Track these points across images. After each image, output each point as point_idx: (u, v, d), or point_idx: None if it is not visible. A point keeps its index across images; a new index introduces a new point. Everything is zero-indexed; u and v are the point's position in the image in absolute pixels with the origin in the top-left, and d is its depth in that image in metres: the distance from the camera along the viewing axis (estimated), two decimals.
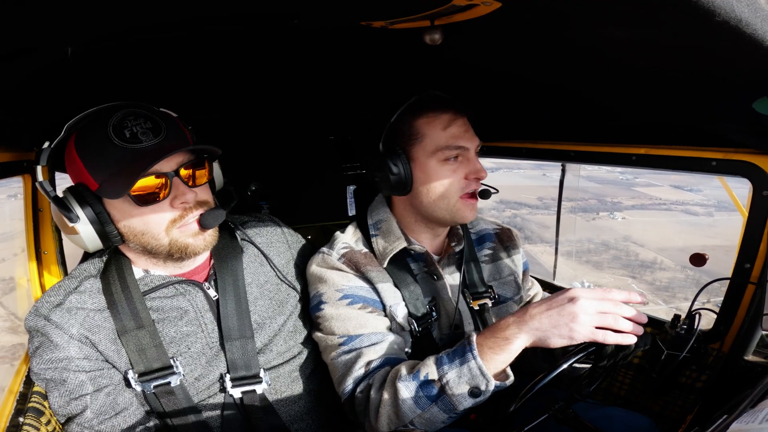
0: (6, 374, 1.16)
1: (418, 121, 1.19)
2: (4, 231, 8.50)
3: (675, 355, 1.28)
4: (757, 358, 1.30)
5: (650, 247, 33.88)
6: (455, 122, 1.19)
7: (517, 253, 1.45)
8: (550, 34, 0.84)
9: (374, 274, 1.22)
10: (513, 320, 0.96)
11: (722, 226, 39.67)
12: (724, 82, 0.95)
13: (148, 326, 1.08)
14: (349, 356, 1.13)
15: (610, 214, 41.24)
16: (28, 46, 0.74)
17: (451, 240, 1.34)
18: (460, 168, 1.20)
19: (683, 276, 30.14)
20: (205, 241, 1.10)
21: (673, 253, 33.28)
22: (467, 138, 1.19)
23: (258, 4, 0.74)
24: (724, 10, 0.54)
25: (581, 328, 0.90)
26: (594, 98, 1.33)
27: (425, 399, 0.98)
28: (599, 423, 1.23)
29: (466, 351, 0.97)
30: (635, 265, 31.90)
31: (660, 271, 30.85)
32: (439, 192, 1.20)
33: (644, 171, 5.40)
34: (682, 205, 46.37)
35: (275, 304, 1.25)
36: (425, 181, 1.20)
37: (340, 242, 1.27)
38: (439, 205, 1.21)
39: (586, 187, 32.88)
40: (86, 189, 1.02)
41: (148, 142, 1.01)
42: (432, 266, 1.27)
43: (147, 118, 1.03)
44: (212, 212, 1.09)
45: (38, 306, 1.05)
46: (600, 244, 31.76)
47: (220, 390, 1.14)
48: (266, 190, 2.07)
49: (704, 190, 48.34)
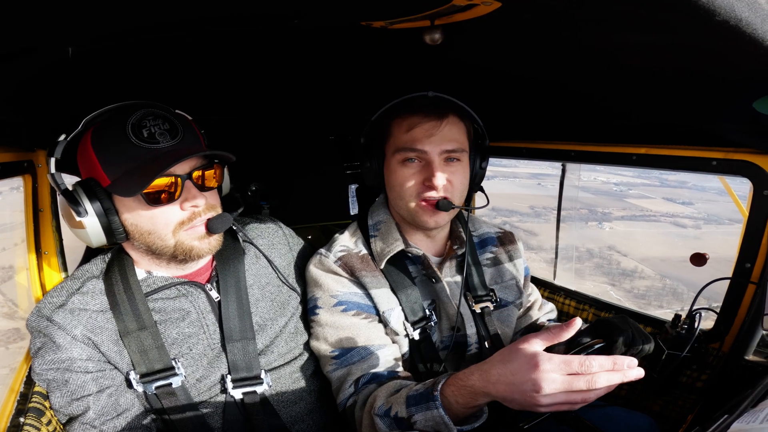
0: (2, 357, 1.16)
1: (392, 120, 1.22)
2: (4, 222, 8.52)
3: (675, 355, 1.28)
4: (758, 358, 1.30)
5: (633, 256, 34.74)
6: (421, 125, 1.16)
7: (518, 258, 1.45)
8: (550, 34, 0.84)
9: (369, 279, 1.22)
10: (477, 376, 0.91)
11: (708, 238, 41.26)
12: (724, 82, 0.95)
13: (150, 327, 1.08)
14: (341, 372, 1.16)
15: (599, 224, 41.94)
16: (28, 46, 0.74)
17: (453, 243, 1.33)
18: (420, 172, 1.18)
19: (661, 285, 31.25)
20: (210, 245, 1.11)
21: (655, 263, 34.16)
22: (429, 142, 1.16)
23: (258, 5, 0.74)
24: (724, 10, 0.54)
25: (541, 408, 0.82)
26: (594, 98, 1.33)
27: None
28: (600, 423, 1.24)
29: (429, 399, 0.95)
30: (616, 273, 32.95)
31: (639, 280, 31.67)
32: (397, 192, 1.21)
33: (638, 182, 5.28)
34: (671, 217, 47.23)
35: (276, 306, 1.25)
36: (389, 180, 1.24)
37: (338, 244, 1.28)
38: (400, 205, 1.23)
39: (580, 197, 33.85)
40: (97, 184, 1.03)
41: (166, 144, 1.02)
42: (429, 269, 1.26)
43: (165, 120, 1.05)
44: (220, 217, 1.10)
45: (40, 307, 1.05)
46: (584, 252, 32.18)
47: (221, 391, 1.14)
48: (266, 190, 2.07)
49: (696, 204, 49.63)
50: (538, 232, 33.64)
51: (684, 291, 30.10)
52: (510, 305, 1.38)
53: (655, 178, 47.74)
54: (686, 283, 30.53)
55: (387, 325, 1.21)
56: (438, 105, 1.19)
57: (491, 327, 1.30)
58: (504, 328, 1.35)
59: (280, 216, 1.47)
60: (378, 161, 1.24)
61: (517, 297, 1.41)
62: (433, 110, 1.17)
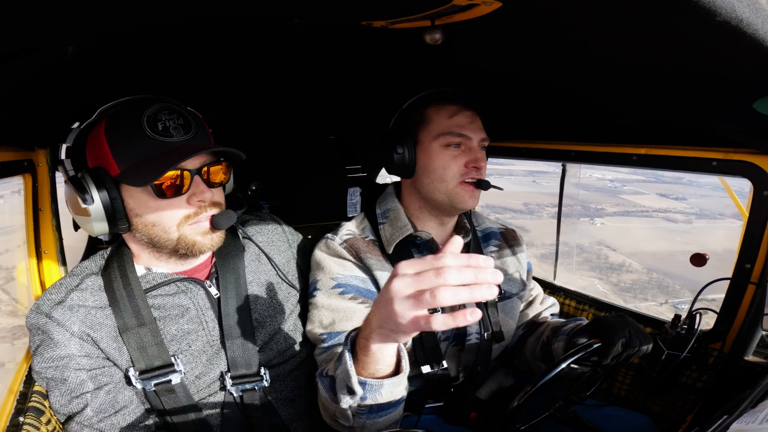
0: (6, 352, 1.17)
1: (427, 108, 1.27)
2: (5, 225, 8.55)
3: (675, 355, 1.28)
4: (758, 359, 1.30)
5: (621, 251, 35.45)
6: (462, 113, 1.25)
7: (521, 252, 1.47)
8: (551, 34, 0.84)
9: (374, 261, 1.24)
10: (366, 319, 0.83)
11: (698, 233, 42.27)
12: (724, 82, 0.95)
13: (149, 324, 1.08)
14: (324, 355, 1.17)
15: (591, 219, 42.52)
16: (28, 46, 0.74)
17: (458, 232, 1.35)
18: (461, 155, 1.24)
19: (647, 278, 31.74)
20: (212, 241, 1.12)
21: (643, 257, 34.69)
22: (471, 129, 1.25)
23: (258, 5, 0.74)
24: (725, 10, 0.54)
25: (401, 321, 0.70)
26: (594, 98, 1.33)
27: (332, 395, 0.96)
28: (599, 423, 1.24)
29: (343, 348, 0.90)
30: (604, 267, 33.66)
31: (626, 273, 32.29)
32: (438, 175, 1.24)
33: (633, 179, 5.24)
34: (663, 212, 47.74)
35: (276, 303, 1.25)
36: (427, 164, 1.25)
37: (345, 229, 1.32)
38: (439, 188, 1.25)
39: (574, 193, 34.86)
40: (106, 173, 1.03)
41: (179, 138, 1.05)
42: None
43: (180, 115, 1.07)
44: (224, 214, 1.11)
45: (39, 304, 1.05)
46: (574, 248, 31.83)
47: (220, 388, 1.14)
48: (266, 189, 2.07)
49: (689, 199, 50.36)
50: (530, 228, 33.85)
51: (670, 284, 30.64)
52: (514, 297, 1.41)
53: (650, 174, 48.27)
54: (673, 277, 31.21)
55: None
56: (465, 97, 1.28)
57: (494, 318, 1.31)
58: (508, 319, 1.37)
59: (279, 216, 1.47)
60: (410, 147, 1.25)
61: (520, 289, 1.43)
62: (468, 101, 1.27)
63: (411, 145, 1.26)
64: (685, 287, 29.07)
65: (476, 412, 1.29)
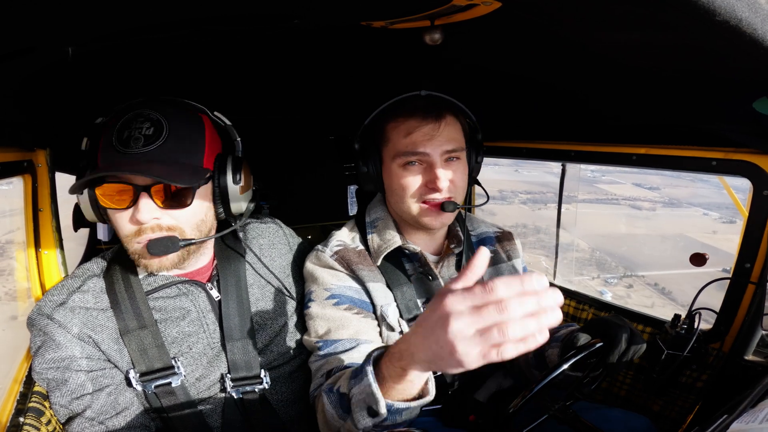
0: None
1: (387, 125, 1.20)
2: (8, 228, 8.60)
3: (675, 355, 1.28)
4: (757, 358, 1.30)
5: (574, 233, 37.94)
6: (420, 128, 1.15)
7: (517, 258, 1.45)
8: (550, 34, 0.84)
9: (366, 272, 1.22)
10: (402, 349, 0.78)
11: (658, 220, 44.74)
12: (724, 82, 0.95)
13: (150, 326, 1.08)
14: (319, 363, 1.13)
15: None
16: (28, 46, 0.74)
17: (450, 242, 1.33)
18: (422, 174, 1.17)
19: (589, 257, 34.60)
20: (161, 264, 1.05)
21: (594, 239, 37.67)
22: (430, 144, 1.15)
23: (258, 5, 0.74)
24: (725, 10, 0.54)
25: (468, 360, 0.66)
26: (594, 98, 1.33)
27: (342, 412, 0.94)
28: (598, 424, 1.24)
29: (364, 366, 0.87)
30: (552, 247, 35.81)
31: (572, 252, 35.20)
32: (400, 195, 1.20)
33: (613, 169, 5.11)
34: (632, 200, 49.28)
35: (276, 305, 1.25)
36: (390, 183, 1.22)
37: (335, 240, 1.28)
38: (403, 208, 1.22)
39: (550, 182, 35.79)
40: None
41: (135, 149, 0.98)
42: (426, 266, 1.26)
43: (152, 124, 1.00)
44: (161, 241, 1.01)
45: (41, 305, 1.05)
46: (532, 229, 34.79)
47: (220, 390, 1.14)
48: (266, 190, 2.07)
49: (663, 189, 52.29)
50: (497, 212, 37.14)
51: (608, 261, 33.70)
52: None
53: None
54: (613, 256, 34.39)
55: (384, 319, 1.20)
56: (434, 105, 1.18)
57: None
58: None
59: (279, 216, 1.47)
60: (375, 166, 1.23)
61: None
62: (430, 111, 1.16)
63: (377, 162, 1.22)
64: (620, 265, 33.23)
65: (475, 414, 1.29)
